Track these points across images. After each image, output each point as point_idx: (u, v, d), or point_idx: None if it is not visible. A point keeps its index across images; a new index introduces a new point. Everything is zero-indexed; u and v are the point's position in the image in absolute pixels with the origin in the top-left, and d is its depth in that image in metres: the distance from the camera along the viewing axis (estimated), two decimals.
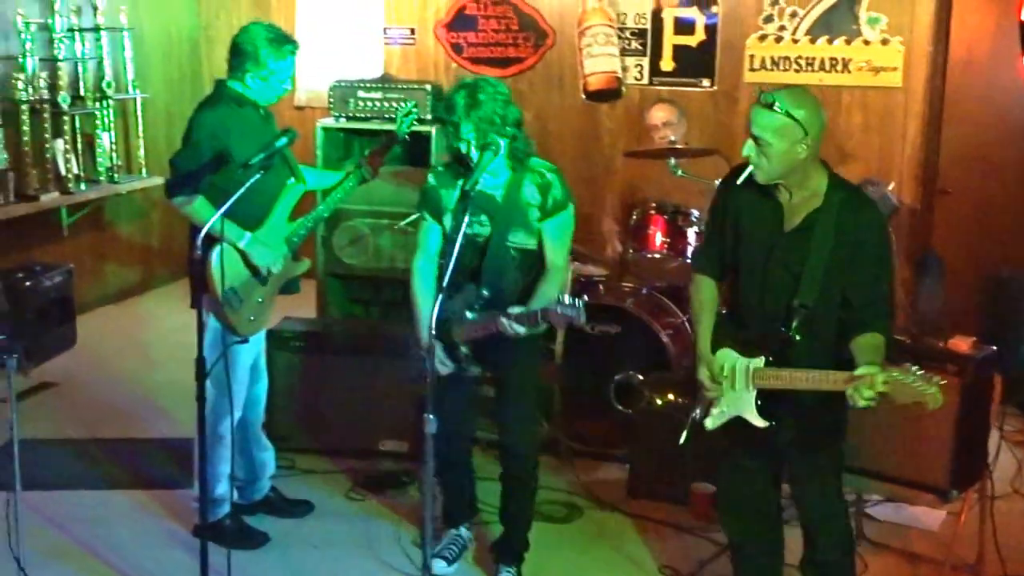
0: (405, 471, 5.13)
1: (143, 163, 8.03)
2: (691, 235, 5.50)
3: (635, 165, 5.99)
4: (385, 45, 8.37)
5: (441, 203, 4.14)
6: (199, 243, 3.79)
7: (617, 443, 5.34)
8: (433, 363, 3.64)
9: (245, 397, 4.57)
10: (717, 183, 3.93)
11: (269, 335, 4.73)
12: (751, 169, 3.48)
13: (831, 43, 7.42)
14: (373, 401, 5.27)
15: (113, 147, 7.71)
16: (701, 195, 5.27)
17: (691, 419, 3.75)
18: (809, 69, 7.45)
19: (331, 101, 6.43)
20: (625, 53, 7.81)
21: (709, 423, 3.71)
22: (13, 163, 6.79)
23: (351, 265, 6.35)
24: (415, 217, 4.43)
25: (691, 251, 5.42)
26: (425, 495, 3.59)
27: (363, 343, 5.35)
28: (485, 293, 4.02)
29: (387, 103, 6.29)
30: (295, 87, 8.04)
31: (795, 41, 7.50)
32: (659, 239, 5.48)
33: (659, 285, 5.54)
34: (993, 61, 7.06)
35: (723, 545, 4.32)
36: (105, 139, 7.64)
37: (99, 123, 7.60)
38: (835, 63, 7.42)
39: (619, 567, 4.54)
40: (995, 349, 4.29)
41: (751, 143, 3.45)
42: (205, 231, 3.81)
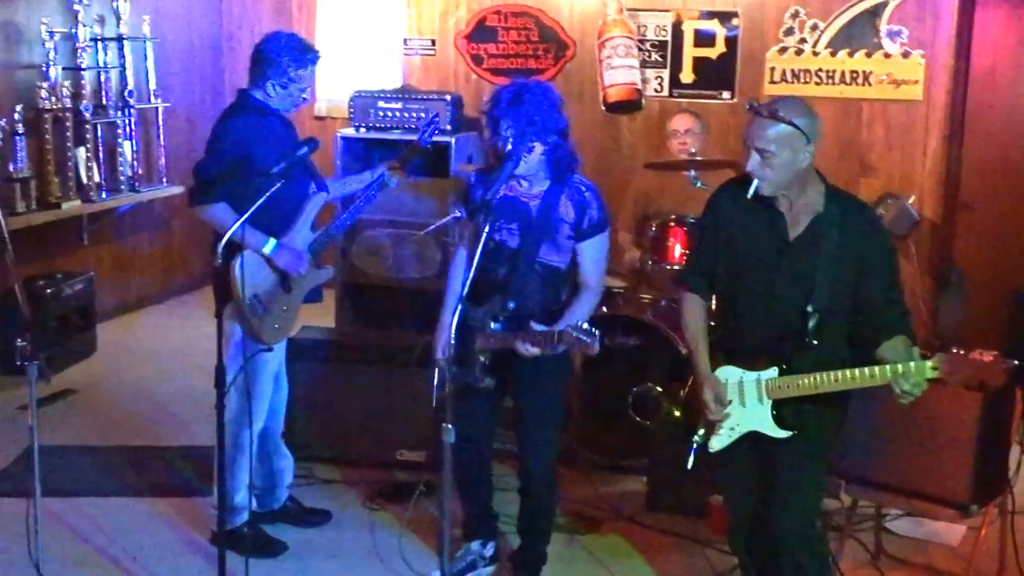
0: (426, 481, 5.11)
1: (164, 172, 8.08)
2: None
3: (651, 176, 5.98)
4: (405, 56, 8.41)
5: (476, 203, 4.12)
6: (220, 251, 3.81)
7: (635, 455, 5.33)
8: (453, 372, 3.62)
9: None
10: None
11: (288, 344, 4.74)
12: (757, 183, 3.46)
13: (852, 56, 7.41)
14: (391, 411, 5.27)
15: (135, 156, 7.75)
16: None
17: (692, 442, 3.71)
18: (830, 82, 7.45)
19: (351, 111, 6.45)
20: (645, 65, 7.82)
21: (715, 443, 3.67)
22: (35, 171, 6.84)
23: (370, 275, 6.35)
24: (435, 227, 4.42)
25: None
26: (443, 505, 3.57)
27: (382, 353, 5.35)
28: (511, 305, 3.97)
29: (407, 114, 6.32)
30: (315, 97, 8.11)
31: (816, 54, 7.50)
32: (678, 251, 5.47)
33: (678, 297, 5.52)
34: (1015, 74, 7.04)
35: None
36: (127, 148, 7.69)
37: (121, 132, 7.65)
38: (856, 76, 7.41)
39: None
40: (1017, 363, 4.26)
41: (756, 156, 3.44)
42: (227, 239, 3.82)
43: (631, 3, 7.77)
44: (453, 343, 3.57)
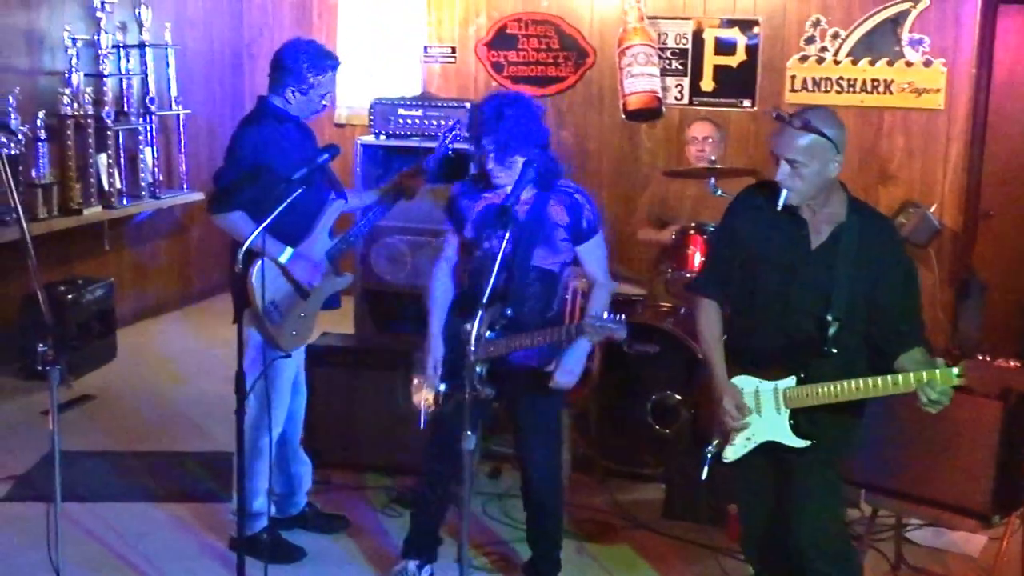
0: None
1: (185, 179, 8.12)
2: None
3: (669, 183, 5.97)
4: (425, 63, 8.42)
5: (463, 213, 4.13)
6: (240, 258, 3.81)
7: (653, 463, 5.32)
8: (475, 379, 3.59)
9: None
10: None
11: (307, 350, 4.74)
12: (786, 193, 3.45)
13: (873, 64, 7.39)
14: (409, 417, 5.25)
15: (156, 162, 7.79)
16: None
17: (706, 454, 3.70)
18: (851, 90, 7.43)
19: (371, 119, 6.46)
20: (665, 73, 7.82)
21: (730, 453, 3.66)
22: (57, 177, 6.88)
23: (389, 282, 6.36)
24: None
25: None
26: (463, 512, 3.56)
27: (400, 359, 5.34)
28: (509, 312, 3.93)
29: (427, 121, 6.32)
30: (335, 104, 8.13)
31: (837, 62, 7.48)
32: (698, 259, 5.46)
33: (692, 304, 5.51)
34: None
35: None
36: (148, 154, 7.73)
37: (142, 138, 7.69)
38: (877, 84, 7.39)
39: None
40: None
41: (785, 167, 3.42)
42: (246, 246, 3.83)
43: (652, 11, 7.77)
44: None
